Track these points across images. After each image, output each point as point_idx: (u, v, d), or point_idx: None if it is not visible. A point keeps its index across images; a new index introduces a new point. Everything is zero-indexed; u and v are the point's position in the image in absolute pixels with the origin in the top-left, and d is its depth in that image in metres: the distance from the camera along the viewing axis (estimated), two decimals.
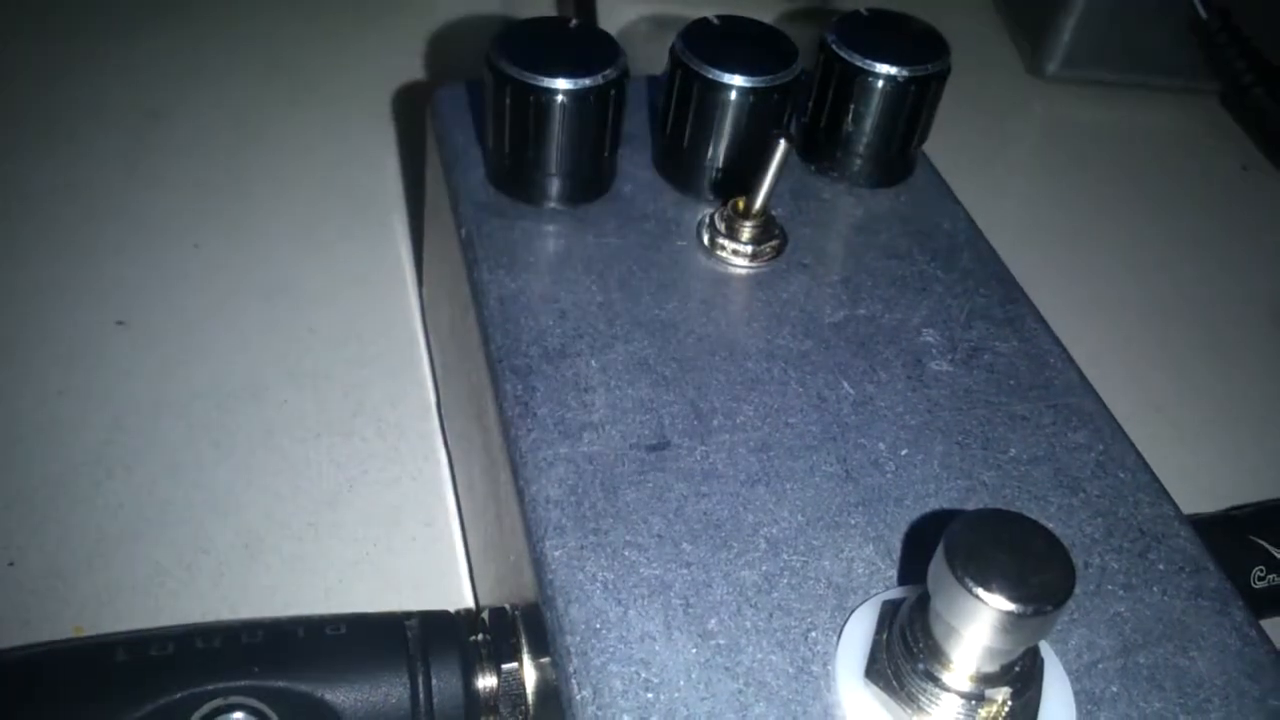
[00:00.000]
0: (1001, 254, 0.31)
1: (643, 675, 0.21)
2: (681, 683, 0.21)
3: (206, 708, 0.22)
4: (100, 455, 0.35)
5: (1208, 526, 0.25)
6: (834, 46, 0.31)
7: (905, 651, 0.21)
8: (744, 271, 0.30)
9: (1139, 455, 0.26)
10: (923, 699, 0.20)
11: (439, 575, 0.34)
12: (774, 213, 0.30)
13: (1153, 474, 0.26)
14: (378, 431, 0.38)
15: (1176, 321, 0.47)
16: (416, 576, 0.33)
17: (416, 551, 0.34)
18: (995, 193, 0.43)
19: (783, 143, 0.27)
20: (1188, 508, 0.26)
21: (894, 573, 0.23)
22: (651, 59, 0.37)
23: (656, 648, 0.21)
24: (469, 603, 0.33)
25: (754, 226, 0.30)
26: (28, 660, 0.23)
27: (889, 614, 0.22)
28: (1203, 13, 0.54)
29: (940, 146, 0.34)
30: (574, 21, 0.30)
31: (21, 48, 0.52)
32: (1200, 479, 0.39)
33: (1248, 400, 0.44)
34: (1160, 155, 0.57)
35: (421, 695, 0.24)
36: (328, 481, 0.36)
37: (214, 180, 0.47)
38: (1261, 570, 0.29)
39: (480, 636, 0.25)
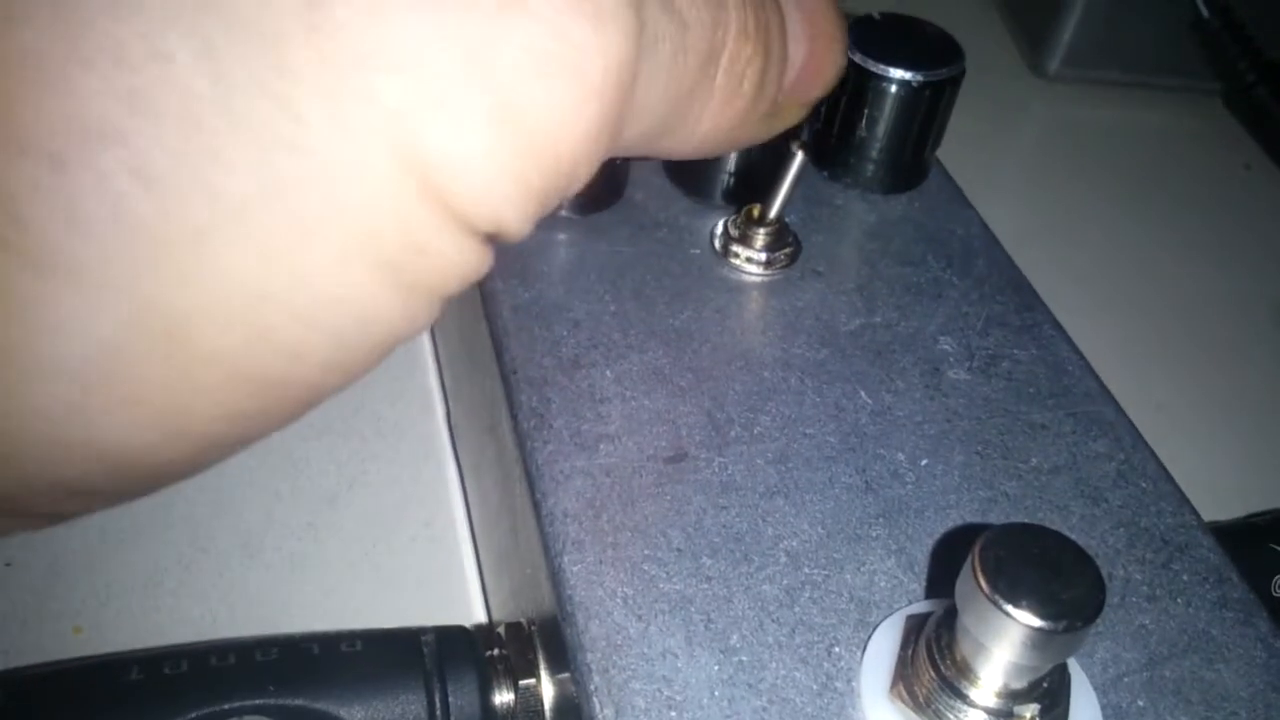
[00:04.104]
0: None
1: (665, 693, 0.21)
2: (705, 700, 0.21)
3: None
4: None
5: (1226, 535, 0.25)
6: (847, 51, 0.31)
7: (931, 667, 0.20)
8: (758, 279, 0.29)
9: (1160, 464, 0.26)
10: (950, 715, 0.20)
11: (438, 576, 0.33)
12: (787, 219, 0.30)
13: (1174, 483, 0.26)
14: (377, 431, 0.37)
15: (1179, 321, 0.47)
16: (415, 577, 0.33)
17: (416, 552, 0.34)
18: (996, 192, 0.43)
19: (799, 154, 0.27)
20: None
21: (917, 586, 0.23)
22: None
23: (679, 664, 0.21)
24: (468, 602, 0.33)
25: (768, 234, 0.29)
26: (41, 679, 0.23)
27: (914, 629, 0.22)
28: (1204, 11, 0.54)
29: (941, 146, 0.34)
30: None
31: None
32: (1204, 483, 0.39)
33: (1249, 401, 0.44)
34: (1162, 155, 0.56)
35: (439, 712, 0.23)
36: (327, 481, 0.36)
37: None
38: None
39: (497, 652, 0.24)
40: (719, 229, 0.30)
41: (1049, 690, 0.20)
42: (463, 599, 0.33)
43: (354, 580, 0.33)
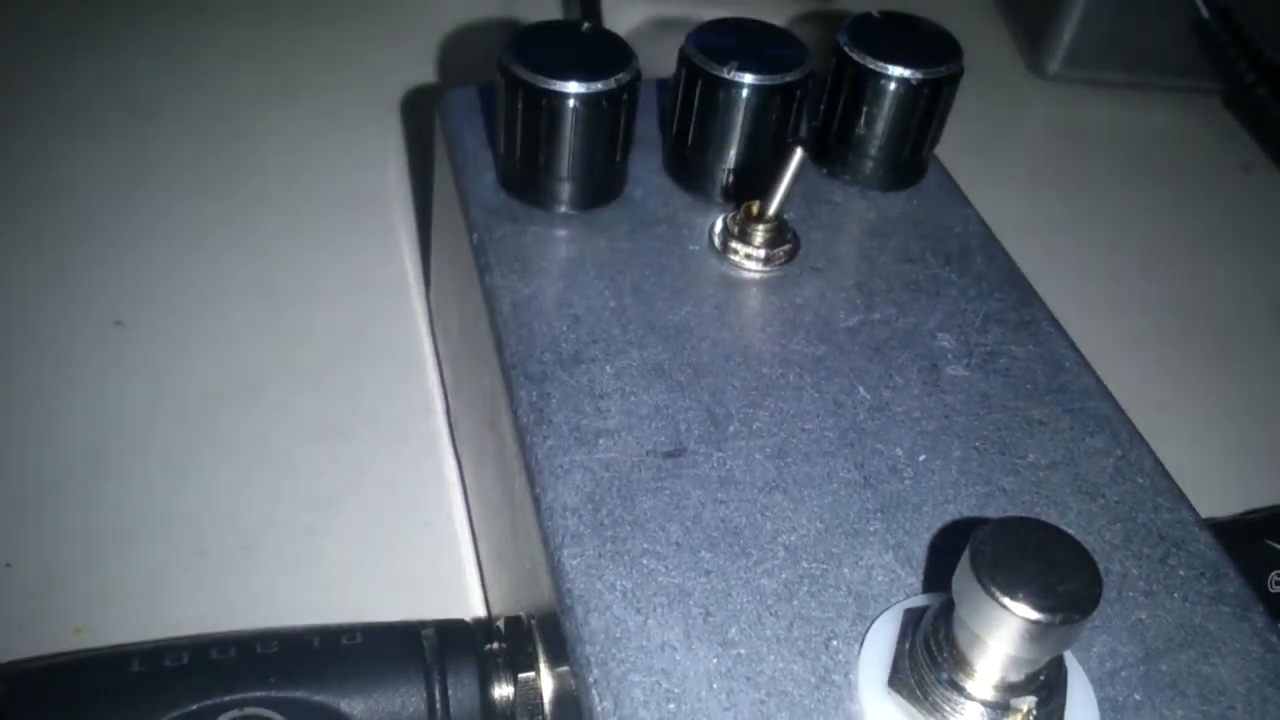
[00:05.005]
0: None
1: (664, 685, 0.21)
2: (703, 693, 0.21)
3: (223, 719, 0.22)
4: (98, 455, 0.35)
5: (1223, 531, 0.25)
6: (846, 49, 0.31)
7: (929, 660, 0.21)
8: (757, 276, 0.29)
9: (1157, 460, 0.26)
10: (947, 708, 0.20)
11: (438, 576, 0.33)
12: (786, 216, 0.30)
13: (1170, 479, 0.26)
14: (377, 432, 0.37)
15: (1179, 321, 0.47)
16: (415, 577, 0.33)
17: (416, 553, 0.34)
18: (996, 192, 0.43)
19: (798, 152, 0.27)
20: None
21: (914, 580, 0.23)
22: (656, 60, 0.37)
23: (677, 657, 0.21)
24: (468, 604, 0.33)
25: (767, 230, 0.29)
26: (41, 672, 0.23)
27: (911, 622, 0.22)
28: (1204, 12, 0.54)
29: (941, 145, 0.34)
30: (586, 25, 0.30)
31: (15, 45, 0.52)
32: (1202, 479, 0.39)
33: (1249, 401, 0.44)
34: (1162, 155, 0.57)
35: (439, 705, 0.23)
36: (327, 482, 0.36)
37: (214, 180, 0.46)
38: (1278, 576, 0.29)
39: (496, 645, 0.25)
40: (718, 225, 0.30)
41: (1046, 683, 0.20)
42: (462, 594, 0.33)
43: (354, 581, 0.33)
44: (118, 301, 0.40)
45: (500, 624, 0.25)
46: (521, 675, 0.24)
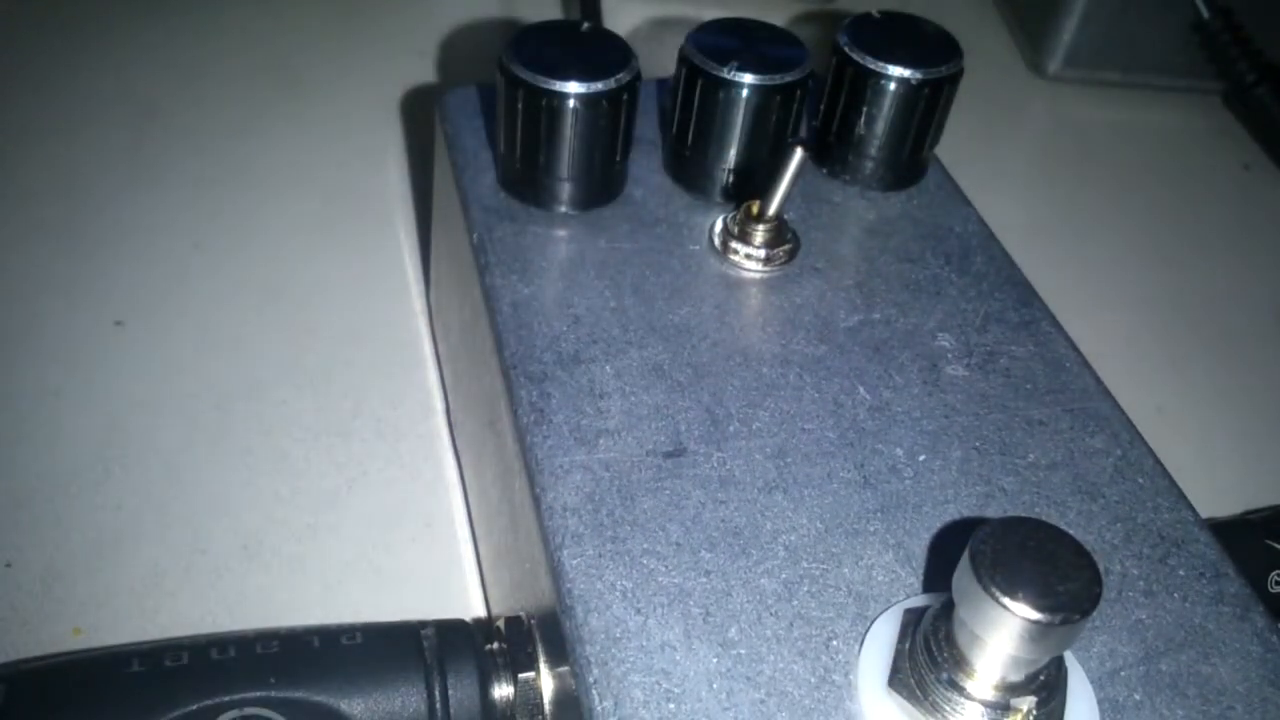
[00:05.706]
0: None
1: (664, 685, 0.21)
2: (703, 693, 0.21)
3: (222, 719, 0.22)
4: (99, 455, 0.35)
5: (1223, 531, 0.25)
6: (846, 49, 0.31)
7: (929, 660, 0.21)
8: (757, 276, 0.29)
9: (1157, 460, 0.26)
10: (947, 708, 0.20)
11: (438, 576, 0.33)
12: (786, 216, 0.30)
13: (1171, 479, 0.26)
14: (377, 432, 0.37)
15: (1179, 321, 0.47)
16: (415, 577, 0.33)
17: (415, 552, 0.34)
18: (995, 192, 0.44)
19: (799, 152, 0.27)
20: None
21: (914, 580, 0.23)
22: (656, 60, 0.37)
23: (677, 657, 0.21)
24: (468, 604, 0.33)
25: (767, 230, 0.29)
26: (42, 672, 0.23)
27: (911, 622, 0.22)
28: (1205, 12, 0.54)
29: (941, 145, 0.34)
30: (586, 25, 0.30)
31: (17, 44, 0.52)
32: (1202, 479, 0.39)
33: (1250, 401, 0.44)
34: (1162, 155, 0.57)
35: (439, 705, 0.23)
36: (327, 482, 0.36)
37: (214, 179, 0.46)
38: (1278, 576, 0.29)
39: (496, 645, 0.25)
40: (718, 225, 0.30)
41: (1045, 683, 0.20)
42: (462, 594, 0.33)
43: (354, 580, 0.33)
44: (118, 301, 0.40)
45: (500, 624, 0.25)
46: (521, 675, 0.24)
